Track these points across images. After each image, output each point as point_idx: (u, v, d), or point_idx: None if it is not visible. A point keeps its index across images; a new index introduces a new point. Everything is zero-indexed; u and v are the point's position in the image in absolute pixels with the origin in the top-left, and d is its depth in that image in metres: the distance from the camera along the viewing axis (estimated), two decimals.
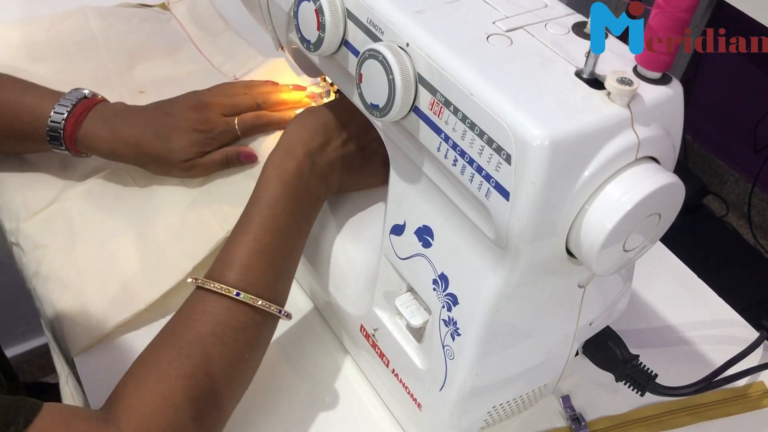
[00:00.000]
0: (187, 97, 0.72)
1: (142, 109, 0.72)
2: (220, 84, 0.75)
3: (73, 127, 0.69)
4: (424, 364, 0.54)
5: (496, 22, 0.45)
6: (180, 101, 0.71)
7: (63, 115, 0.68)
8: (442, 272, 0.50)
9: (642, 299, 0.74)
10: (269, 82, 0.75)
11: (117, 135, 0.69)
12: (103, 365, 0.64)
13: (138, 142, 0.69)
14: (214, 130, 0.70)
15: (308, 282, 0.70)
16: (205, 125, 0.70)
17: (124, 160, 0.72)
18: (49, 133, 0.69)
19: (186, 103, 0.71)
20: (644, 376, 0.57)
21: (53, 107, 0.69)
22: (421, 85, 0.44)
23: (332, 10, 0.49)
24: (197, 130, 0.69)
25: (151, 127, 0.69)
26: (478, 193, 0.42)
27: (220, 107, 0.71)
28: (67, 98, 0.69)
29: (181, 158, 0.70)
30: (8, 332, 1.44)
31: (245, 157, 0.71)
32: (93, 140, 0.69)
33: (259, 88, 0.74)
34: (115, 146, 0.69)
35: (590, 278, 0.50)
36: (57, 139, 0.69)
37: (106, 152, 0.71)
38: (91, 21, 0.92)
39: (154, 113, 0.71)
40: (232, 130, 0.71)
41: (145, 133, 0.69)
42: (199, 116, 0.70)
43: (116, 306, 0.66)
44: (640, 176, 0.40)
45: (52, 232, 0.71)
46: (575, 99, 0.40)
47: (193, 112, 0.70)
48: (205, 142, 0.70)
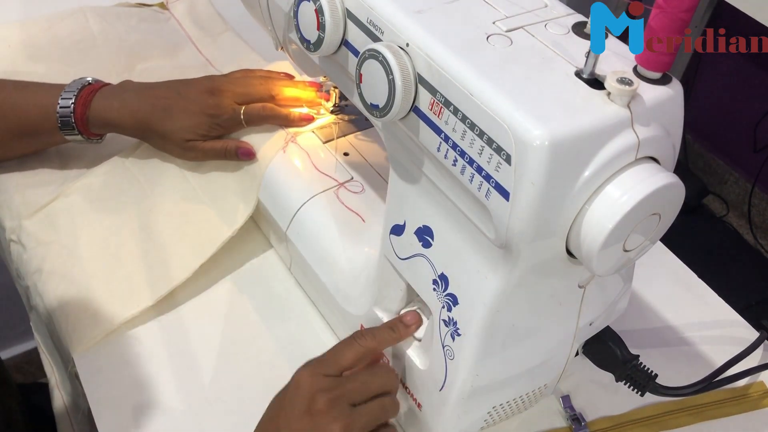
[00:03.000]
0: (203, 81, 0.73)
1: (155, 85, 0.73)
2: (238, 70, 0.75)
3: (83, 108, 0.71)
4: (424, 364, 0.54)
5: (496, 22, 0.45)
6: (196, 84, 0.72)
7: (70, 100, 0.70)
8: (442, 272, 0.50)
9: (642, 299, 0.74)
10: (286, 75, 0.76)
11: (126, 106, 0.71)
12: (103, 364, 0.64)
13: (145, 116, 0.71)
14: (221, 116, 0.71)
15: (308, 282, 0.70)
16: (214, 110, 0.70)
17: (129, 132, 0.73)
18: (60, 120, 0.70)
19: (201, 87, 0.72)
20: (644, 376, 0.57)
21: (59, 96, 0.70)
22: (420, 85, 0.44)
23: (332, 10, 0.49)
24: (206, 114, 0.70)
25: (161, 103, 0.71)
26: (478, 193, 0.42)
27: (234, 95, 0.71)
28: (71, 87, 0.71)
29: (183, 137, 0.71)
30: (8, 332, 1.44)
31: (243, 153, 0.71)
32: (104, 113, 0.71)
33: (276, 80, 0.74)
34: (123, 117, 0.71)
35: (590, 278, 0.50)
36: (69, 125, 0.71)
37: (115, 123, 0.72)
38: (91, 21, 0.92)
39: (166, 91, 0.72)
40: (237, 118, 0.71)
41: (154, 108, 0.71)
42: (211, 101, 0.70)
43: (122, 302, 0.66)
44: (640, 176, 0.40)
45: (55, 229, 0.71)
46: (575, 99, 0.40)
47: (206, 97, 0.71)
48: (210, 126, 0.71)
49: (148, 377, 0.63)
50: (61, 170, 0.77)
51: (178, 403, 0.62)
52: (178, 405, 0.62)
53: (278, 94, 0.73)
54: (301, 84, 0.74)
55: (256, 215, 0.73)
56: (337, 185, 0.68)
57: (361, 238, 0.64)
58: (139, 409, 0.61)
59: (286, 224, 0.67)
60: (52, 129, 0.71)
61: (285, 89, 0.73)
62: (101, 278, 0.68)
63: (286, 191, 0.68)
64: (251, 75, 0.74)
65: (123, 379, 0.63)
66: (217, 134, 0.72)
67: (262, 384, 0.63)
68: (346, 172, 0.70)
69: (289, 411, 0.50)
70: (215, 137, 0.72)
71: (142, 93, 0.72)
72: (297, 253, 0.67)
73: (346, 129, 0.75)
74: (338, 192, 0.68)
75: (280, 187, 0.69)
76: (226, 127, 0.72)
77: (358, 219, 0.66)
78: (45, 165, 0.77)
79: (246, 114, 0.71)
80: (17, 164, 0.77)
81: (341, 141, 0.73)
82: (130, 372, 0.64)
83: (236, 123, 0.71)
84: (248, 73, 0.75)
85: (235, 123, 0.71)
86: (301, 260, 0.67)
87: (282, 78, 0.75)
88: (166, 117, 0.70)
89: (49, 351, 0.71)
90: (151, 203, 0.73)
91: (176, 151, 0.73)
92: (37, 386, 0.94)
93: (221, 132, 0.72)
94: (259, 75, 0.74)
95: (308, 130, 0.73)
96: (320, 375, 0.51)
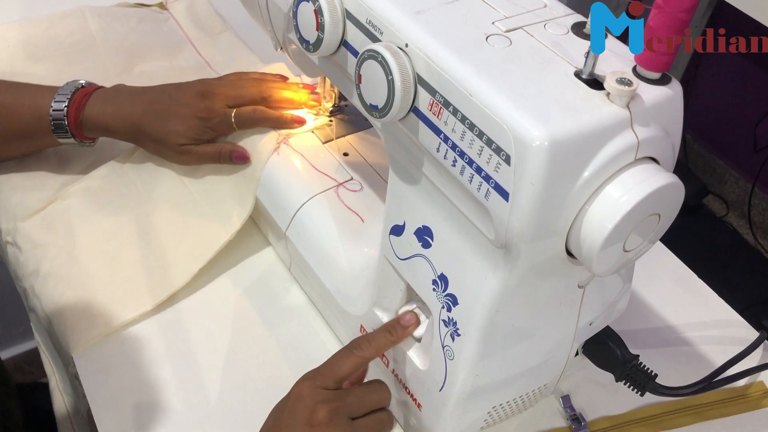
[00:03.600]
0: (195, 84, 0.73)
1: (148, 90, 0.73)
2: (232, 73, 0.75)
3: (77, 111, 0.71)
4: (424, 365, 0.54)
5: (496, 22, 0.45)
6: (187, 88, 0.72)
7: (64, 103, 0.70)
8: (442, 273, 0.50)
9: (642, 299, 0.74)
10: (279, 77, 0.76)
11: (120, 111, 0.71)
12: (103, 365, 0.64)
13: (138, 120, 0.71)
14: (212, 120, 0.70)
15: (308, 282, 0.70)
16: (206, 113, 0.70)
17: (122, 137, 0.73)
18: (53, 122, 0.70)
19: (193, 90, 0.71)
20: (644, 376, 0.57)
21: (52, 98, 0.70)
22: (420, 86, 0.44)
23: (331, 11, 0.49)
24: (198, 118, 0.70)
25: (154, 108, 0.71)
26: (478, 193, 0.42)
27: (225, 98, 0.71)
28: (65, 89, 0.71)
29: (176, 142, 0.71)
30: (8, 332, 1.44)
31: (237, 156, 0.71)
32: (98, 117, 0.71)
33: (268, 82, 0.74)
34: (116, 122, 0.71)
35: (590, 278, 0.50)
36: (62, 128, 0.71)
37: (109, 128, 0.72)
38: (90, 21, 0.92)
39: (159, 95, 0.72)
40: (228, 121, 0.71)
41: (146, 113, 0.71)
42: (202, 104, 0.70)
43: (121, 304, 0.67)
44: (640, 176, 0.40)
45: (52, 231, 0.71)
46: (575, 99, 0.40)
47: (198, 100, 0.70)
48: (202, 129, 0.71)
49: (148, 377, 0.63)
50: (59, 174, 0.77)
51: (178, 403, 0.62)
52: (178, 405, 0.62)
53: (270, 96, 0.72)
54: (294, 86, 0.74)
55: (255, 215, 0.73)
56: (337, 185, 0.68)
57: (361, 239, 0.64)
58: (139, 409, 0.61)
59: (285, 224, 0.67)
60: (44, 131, 0.71)
61: (277, 91, 0.73)
62: (100, 281, 0.68)
63: (286, 191, 0.68)
64: (244, 77, 0.74)
65: (123, 379, 0.63)
66: (209, 137, 0.71)
67: (262, 384, 0.63)
68: (346, 173, 0.70)
69: (289, 422, 0.51)
70: (208, 141, 0.72)
71: (136, 98, 0.72)
72: (297, 253, 0.67)
73: (346, 129, 0.75)
74: (338, 191, 0.68)
75: (280, 187, 0.69)
76: (218, 130, 0.71)
77: (357, 219, 0.66)
78: (43, 168, 0.77)
79: (237, 117, 0.70)
80: (15, 166, 0.77)
81: (341, 141, 0.73)
82: (130, 372, 0.64)
83: (227, 126, 0.71)
84: (241, 75, 0.74)
85: (227, 126, 0.71)
86: (301, 260, 0.67)
87: (275, 80, 0.74)
88: (159, 122, 0.70)
89: (50, 351, 0.71)
90: (148, 208, 0.73)
91: (171, 156, 0.73)
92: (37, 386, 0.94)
93: (213, 135, 0.72)
94: (252, 77, 0.74)
95: (303, 132, 0.73)
96: (320, 388, 0.52)
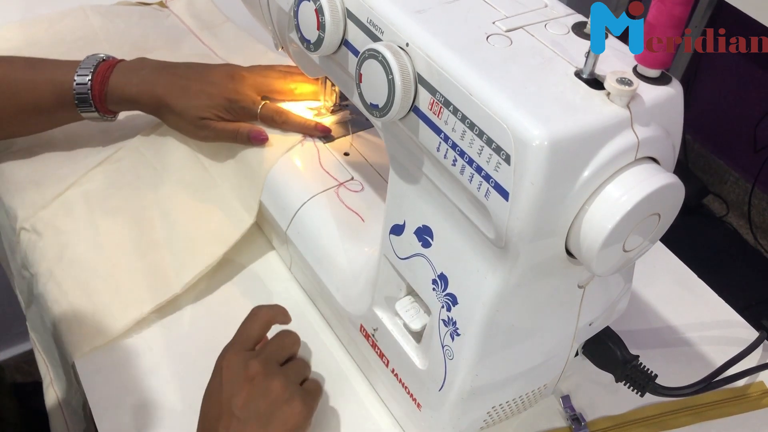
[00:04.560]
0: (224, 66, 0.75)
1: (173, 64, 0.74)
2: (261, 65, 0.76)
3: (101, 84, 0.71)
4: (423, 364, 0.54)
5: (496, 22, 0.45)
6: (216, 68, 0.74)
7: (87, 77, 0.71)
8: (442, 272, 0.50)
9: (642, 299, 0.74)
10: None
11: (145, 83, 0.71)
12: (103, 365, 0.64)
13: (163, 92, 0.71)
14: (239, 102, 0.71)
15: (308, 282, 0.70)
16: (234, 95, 0.71)
17: (145, 108, 0.74)
18: (76, 97, 0.71)
19: (222, 71, 0.73)
20: (644, 377, 0.57)
21: (75, 72, 0.71)
22: (420, 85, 0.44)
23: (332, 10, 0.49)
24: (225, 97, 0.71)
25: (181, 82, 0.71)
26: (478, 193, 0.42)
27: (254, 83, 0.72)
28: (86, 63, 0.72)
29: (198, 115, 0.71)
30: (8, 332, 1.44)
31: (255, 137, 0.71)
32: (123, 88, 0.71)
33: (295, 75, 0.75)
34: (141, 94, 0.72)
35: (590, 278, 0.50)
36: (86, 101, 0.71)
37: (133, 99, 0.72)
38: (92, 18, 0.93)
39: (186, 70, 0.73)
40: (253, 110, 0.72)
41: (172, 85, 0.71)
42: (231, 85, 0.71)
43: (151, 290, 0.67)
44: (640, 176, 0.40)
45: (72, 218, 0.72)
46: (575, 99, 0.40)
47: (227, 80, 0.71)
48: (226, 109, 0.71)
49: (148, 377, 0.63)
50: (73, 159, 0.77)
51: (178, 403, 0.62)
52: (178, 405, 0.62)
53: (296, 89, 0.73)
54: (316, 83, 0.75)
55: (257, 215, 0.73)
56: (337, 185, 0.68)
57: (361, 238, 0.64)
58: (139, 409, 0.61)
59: (286, 224, 0.67)
60: (66, 106, 0.72)
61: (303, 84, 0.74)
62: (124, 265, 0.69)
63: (286, 191, 0.69)
64: (272, 68, 0.76)
65: (123, 379, 0.63)
66: (230, 120, 0.72)
67: None
68: (346, 172, 0.70)
69: (229, 389, 0.54)
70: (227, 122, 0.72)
71: (162, 70, 0.73)
72: (297, 252, 0.67)
73: (347, 129, 0.75)
74: (338, 191, 0.68)
75: (280, 186, 0.69)
76: (241, 114, 0.72)
77: (358, 219, 0.66)
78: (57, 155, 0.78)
79: (264, 109, 0.71)
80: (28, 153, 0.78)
81: (341, 141, 0.73)
82: (130, 372, 0.64)
83: (251, 114, 0.72)
84: (271, 66, 0.76)
85: (250, 113, 0.72)
86: (301, 260, 0.67)
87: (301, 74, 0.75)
88: (184, 95, 0.71)
89: (45, 348, 0.71)
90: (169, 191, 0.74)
91: (189, 130, 0.73)
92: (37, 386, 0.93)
93: (234, 118, 0.72)
94: (279, 69, 0.76)
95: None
96: (242, 350, 0.57)
